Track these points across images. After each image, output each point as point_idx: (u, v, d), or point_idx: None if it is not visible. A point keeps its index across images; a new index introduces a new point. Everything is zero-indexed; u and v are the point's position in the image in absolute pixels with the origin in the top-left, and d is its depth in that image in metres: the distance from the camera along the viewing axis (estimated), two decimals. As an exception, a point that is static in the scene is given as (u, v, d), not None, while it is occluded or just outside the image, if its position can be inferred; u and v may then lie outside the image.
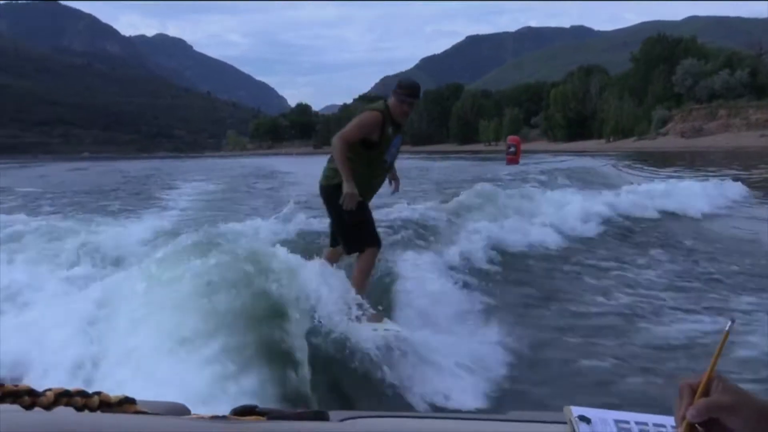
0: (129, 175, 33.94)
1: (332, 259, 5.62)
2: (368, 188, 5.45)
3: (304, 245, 6.69)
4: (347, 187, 5.14)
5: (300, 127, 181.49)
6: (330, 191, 5.34)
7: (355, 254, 5.44)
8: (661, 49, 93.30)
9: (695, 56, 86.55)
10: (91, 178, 33.81)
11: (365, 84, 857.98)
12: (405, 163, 42.27)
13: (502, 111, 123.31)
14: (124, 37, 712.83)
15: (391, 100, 5.33)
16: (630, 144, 79.76)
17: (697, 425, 0.86)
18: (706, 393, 0.86)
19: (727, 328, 0.88)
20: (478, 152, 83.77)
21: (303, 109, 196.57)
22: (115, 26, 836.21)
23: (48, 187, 24.39)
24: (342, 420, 1.13)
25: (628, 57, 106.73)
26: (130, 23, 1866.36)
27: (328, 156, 5.42)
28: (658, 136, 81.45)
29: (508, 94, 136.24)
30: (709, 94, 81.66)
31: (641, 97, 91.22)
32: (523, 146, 40.44)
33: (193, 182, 25.07)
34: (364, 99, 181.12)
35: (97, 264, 6.76)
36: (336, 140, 5.25)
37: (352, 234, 5.37)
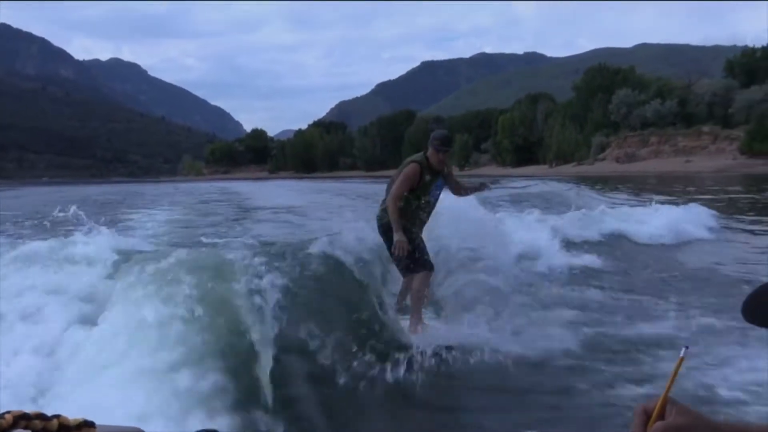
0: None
1: (406, 290, 6.65)
2: (416, 222, 6.49)
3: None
4: (397, 236, 6.19)
5: (255, 152, 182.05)
6: (385, 228, 6.40)
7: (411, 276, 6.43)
8: (602, 78, 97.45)
9: (632, 86, 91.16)
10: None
11: (321, 109, 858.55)
12: (354, 186, 44.81)
13: (452, 137, 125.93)
14: (77, 61, 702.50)
15: (429, 151, 6.36)
16: (570, 169, 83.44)
17: None
18: (662, 417, 0.88)
19: (681, 354, 0.91)
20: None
21: (258, 134, 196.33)
22: (68, 50, 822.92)
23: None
24: None
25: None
26: (84, 47, 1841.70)
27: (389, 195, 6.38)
28: (595, 162, 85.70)
29: (459, 121, 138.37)
30: (642, 123, 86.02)
31: (582, 124, 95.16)
32: (474, 171, 43.27)
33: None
34: (319, 125, 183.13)
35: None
36: (389, 201, 6.31)
37: (405, 262, 6.35)
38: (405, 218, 6.28)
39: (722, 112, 79.06)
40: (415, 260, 6.28)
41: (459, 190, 6.90)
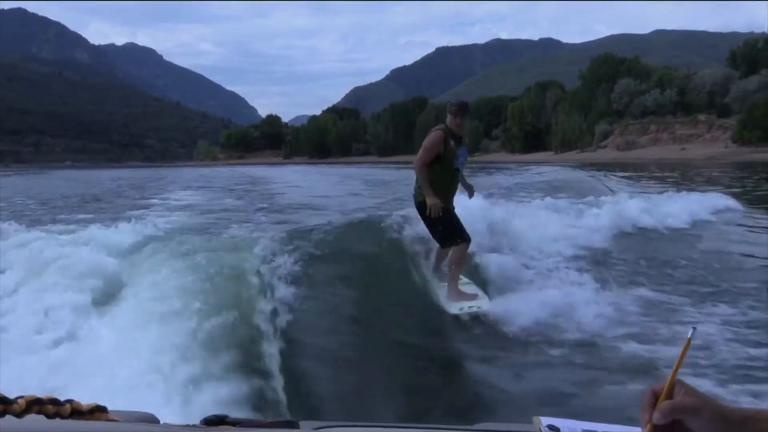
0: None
1: (442, 255, 6.93)
2: (447, 193, 6.61)
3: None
4: (430, 200, 6.36)
5: (270, 138, 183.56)
6: (420, 204, 6.54)
7: (450, 249, 6.66)
8: (607, 67, 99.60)
9: (636, 75, 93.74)
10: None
11: (336, 94, 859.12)
12: (373, 171, 47.29)
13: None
14: (93, 45, 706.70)
15: (448, 119, 6.48)
16: (574, 156, 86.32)
17: (660, 427, 0.89)
18: (670, 397, 0.90)
19: (689, 335, 0.92)
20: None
21: (273, 120, 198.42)
22: (84, 34, 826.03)
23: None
24: (313, 429, 1.13)
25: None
26: (99, 31, 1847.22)
27: (413, 175, 6.67)
28: (597, 149, 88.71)
29: (470, 108, 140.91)
30: (642, 111, 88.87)
31: (587, 112, 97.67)
32: (484, 157, 45.60)
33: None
34: (333, 111, 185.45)
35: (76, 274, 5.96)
36: (417, 165, 6.52)
37: (443, 234, 6.59)
38: (439, 192, 6.46)
39: (722, 101, 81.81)
40: (452, 231, 6.52)
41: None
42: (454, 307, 6.20)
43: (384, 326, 5.86)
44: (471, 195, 7.04)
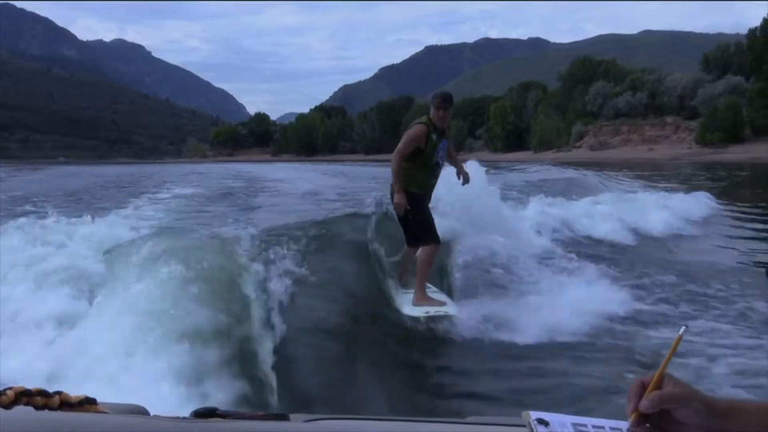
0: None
1: (410, 254, 6.65)
2: (426, 188, 6.39)
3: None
4: (397, 197, 6.14)
5: (258, 136, 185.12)
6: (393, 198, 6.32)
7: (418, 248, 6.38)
8: (585, 70, 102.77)
9: (613, 78, 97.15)
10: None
11: (325, 92, 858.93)
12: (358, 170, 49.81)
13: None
14: (81, 41, 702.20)
15: (431, 111, 6.26)
16: (550, 155, 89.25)
17: (647, 417, 0.90)
18: (658, 388, 0.91)
19: (680, 332, 0.95)
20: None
21: (261, 118, 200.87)
22: (72, 30, 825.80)
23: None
24: (303, 422, 1.13)
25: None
26: (88, 27, 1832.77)
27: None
28: (573, 149, 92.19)
29: (455, 107, 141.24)
30: (615, 113, 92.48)
31: (565, 112, 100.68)
32: (468, 156, 48.88)
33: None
34: (321, 109, 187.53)
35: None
36: (393, 156, 6.22)
37: (414, 231, 6.31)
38: (418, 186, 6.28)
39: (690, 104, 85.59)
40: (424, 230, 6.27)
41: (452, 153, 6.84)
42: (419, 311, 5.93)
43: (375, 321, 5.92)
44: (466, 182, 6.89)
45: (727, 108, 72.72)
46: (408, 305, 6.12)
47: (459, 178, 6.89)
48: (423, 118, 6.43)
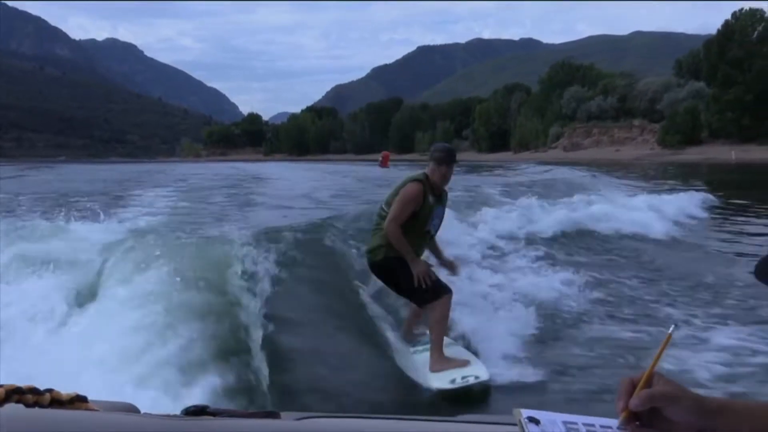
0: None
1: (417, 315, 5.78)
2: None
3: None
4: (415, 266, 5.18)
5: (251, 135, 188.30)
6: (380, 267, 5.41)
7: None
8: (563, 74, 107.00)
9: (589, 82, 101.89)
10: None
11: (317, 92, 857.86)
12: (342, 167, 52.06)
13: (436, 124, 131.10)
14: (73, 40, 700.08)
15: (429, 167, 5.36)
16: (528, 155, 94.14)
17: (636, 415, 0.90)
18: (648, 386, 0.91)
19: (669, 331, 0.95)
20: (413, 161, 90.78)
21: (254, 118, 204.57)
22: (64, 29, 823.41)
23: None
24: (294, 420, 1.13)
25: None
26: (80, 26, 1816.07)
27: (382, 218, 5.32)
28: (549, 150, 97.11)
29: (443, 108, 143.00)
30: (588, 116, 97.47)
31: (544, 115, 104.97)
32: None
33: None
34: (313, 109, 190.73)
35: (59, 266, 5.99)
36: (389, 226, 5.19)
37: (421, 291, 5.26)
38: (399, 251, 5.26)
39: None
40: (431, 287, 5.23)
41: (436, 245, 5.79)
42: (443, 380, 4.96)
43: (366, 318, 5.80)
44: (455, 272, 5.86)
45: (686, 112, 77.76)
46: (425, 372, 5.16)
47: (447, 272, 5.78)
48: (419, 175, 5.40)
